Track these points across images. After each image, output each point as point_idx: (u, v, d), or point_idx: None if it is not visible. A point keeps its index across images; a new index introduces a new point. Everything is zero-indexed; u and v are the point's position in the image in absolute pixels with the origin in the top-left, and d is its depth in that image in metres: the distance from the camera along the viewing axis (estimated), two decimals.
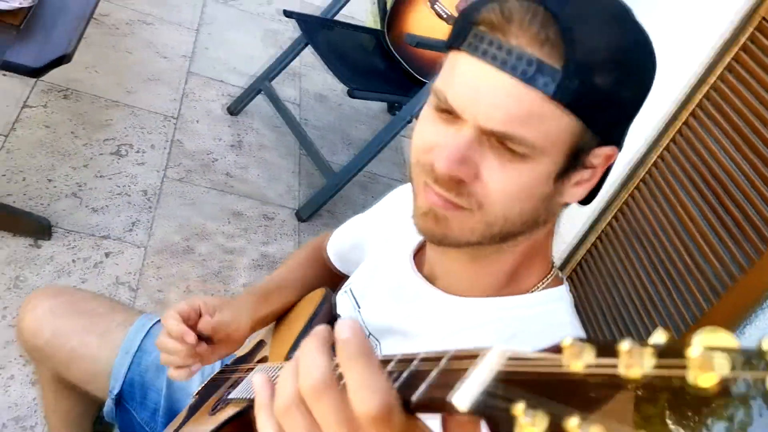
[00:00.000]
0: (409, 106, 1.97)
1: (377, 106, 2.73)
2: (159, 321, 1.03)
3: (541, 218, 0.63)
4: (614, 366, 0.25)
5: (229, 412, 0.72)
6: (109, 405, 1.01)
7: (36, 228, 1.70)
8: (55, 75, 2.11)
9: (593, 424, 0.23)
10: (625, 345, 0.24)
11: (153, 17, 2.59)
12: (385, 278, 0.78)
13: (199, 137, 2.22)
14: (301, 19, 2.14)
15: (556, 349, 0.28)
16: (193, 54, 2.53)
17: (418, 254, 0.77)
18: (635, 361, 0.24)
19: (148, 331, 1.00)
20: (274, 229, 2.04)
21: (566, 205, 0.65)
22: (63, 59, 1.09)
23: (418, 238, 0.77)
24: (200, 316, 0.82)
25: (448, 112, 0.58)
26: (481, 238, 0.61)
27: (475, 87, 0.56)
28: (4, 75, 2.02)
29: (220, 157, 2.19)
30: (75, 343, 0.98)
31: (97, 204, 1.86)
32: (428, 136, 0.61)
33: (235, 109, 2.35)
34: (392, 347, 0.71)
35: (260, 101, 2.38)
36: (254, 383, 0.40)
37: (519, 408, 0.26)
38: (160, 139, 2.13)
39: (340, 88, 2.57)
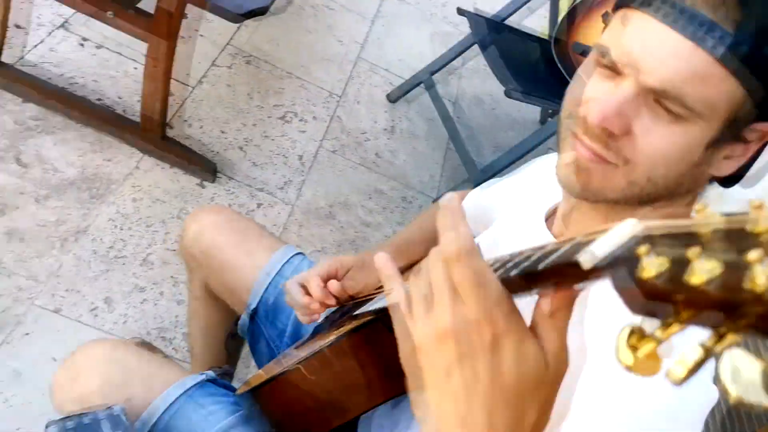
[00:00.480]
0: None
1: (530, 117, 2.74)
2: (299, 253, 1.13)
3: (684, 187, 0.62)
4: (742, 223, 0.27)
5: (361, 321, 0.78)
6: (244, 319, 1.12)
7: (204, 169, 1.89)
8: (242, 42, 2.34)
9: (712, 258, 0.26)
10: (754, 202, 0.27)
11: (336, 4, 2.78)
12: (511, 238, 0.82)
13: (358, 117, 2.36)
14: (473, 18, 2.21)
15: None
16: (366, 42, 2.69)
17: (549, 219, 0.79)
18: (761, 218, 0.26)
19: (288, 260, 1.11)
20: (411, 212, 2.12)
21: (712, 181, 0.64)
22: (261, 10, 1.24)
23: (551, 203, 0.79)
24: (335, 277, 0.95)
25: (609, 68, 0.59)
26: (622, 195, 0.62)
27: (642, 43, 0.57)
28: (202, 36, 2.27)
29: (373, 138, 2.31)
30: (227, 256, 1.11)
31: (258, 160, 2.04)
32: (585, 90, 0.62)
33: (395, 97, 2.47)
34: None
35: (419, 93, 2.48)
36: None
37: (642, 250, 0.29)
38: (322, 113, 2.30)
39: (496, 92, 2.62)
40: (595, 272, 0.33)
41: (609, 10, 2.28)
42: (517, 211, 0.86)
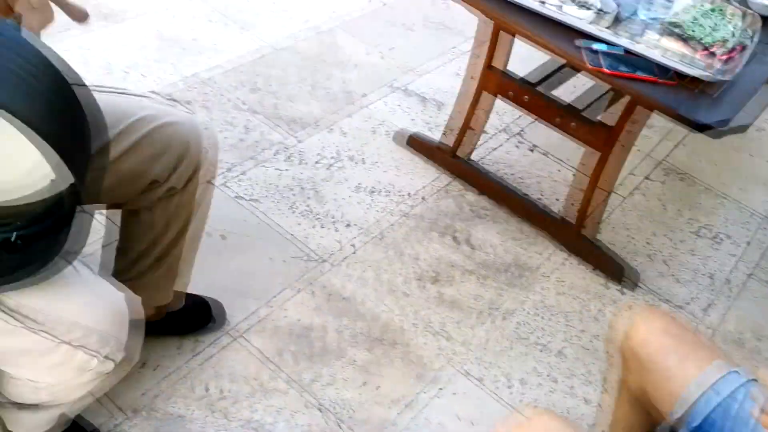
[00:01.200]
0: None
1: None
2: (735, 372, 1.09)
3: None
4: None
5: None
6: (664, 427, 1.11)
7: (611, 272, 1.94)
8: (663, 153, 2.39)
9: None
10: None
11: None
12: None
13: None
14: None
15: None
16: None
17: None
18: None
19: (724, 376, 1.07)
20: None
21: None
22: (722, 123, 1.28)
23: None
24: None
25: None
26: None
27: None
28: (638, 150, 2.36)
29: None
30: (657, 359, 1.11)
31: (666, 271, 2.01)
32: None
33: None
34: None
35: None
36: None
37: None
38: (740, 233, 2.17)
39: None
40: None
41: None
42: None
